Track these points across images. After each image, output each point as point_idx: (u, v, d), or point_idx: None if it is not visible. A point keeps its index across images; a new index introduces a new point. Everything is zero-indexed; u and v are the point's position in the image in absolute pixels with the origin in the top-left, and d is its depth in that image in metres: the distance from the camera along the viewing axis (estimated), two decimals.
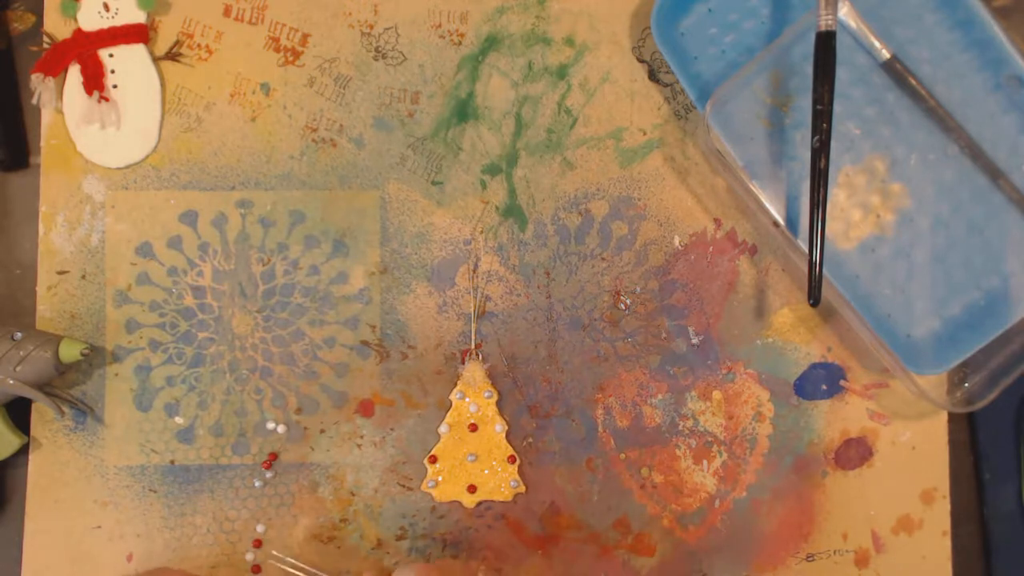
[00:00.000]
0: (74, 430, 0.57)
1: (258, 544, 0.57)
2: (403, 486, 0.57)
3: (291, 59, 0.58)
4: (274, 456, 0.57)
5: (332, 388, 0.58)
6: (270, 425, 0.57)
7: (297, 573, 0.55)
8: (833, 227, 0.56)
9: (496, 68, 0.58)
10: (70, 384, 0.57)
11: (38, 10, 0.58)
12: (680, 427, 0.58)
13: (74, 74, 0.57)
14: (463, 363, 0.57)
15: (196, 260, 0.58)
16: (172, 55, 0.58)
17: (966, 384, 0.57)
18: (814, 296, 0.52)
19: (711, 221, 0.58)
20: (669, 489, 0.58)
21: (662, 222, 0.58)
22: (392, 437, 0.57)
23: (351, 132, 0.58)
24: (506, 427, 0.57)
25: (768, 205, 0.55)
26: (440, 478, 0.57)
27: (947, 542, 0.58)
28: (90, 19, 0.57)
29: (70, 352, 0.54)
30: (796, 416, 0.58)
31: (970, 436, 0.59)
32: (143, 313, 0.57)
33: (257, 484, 0.57)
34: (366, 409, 0.58)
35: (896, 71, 0.55)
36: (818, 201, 0.52)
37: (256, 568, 0.57)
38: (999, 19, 0.54)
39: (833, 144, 0.52)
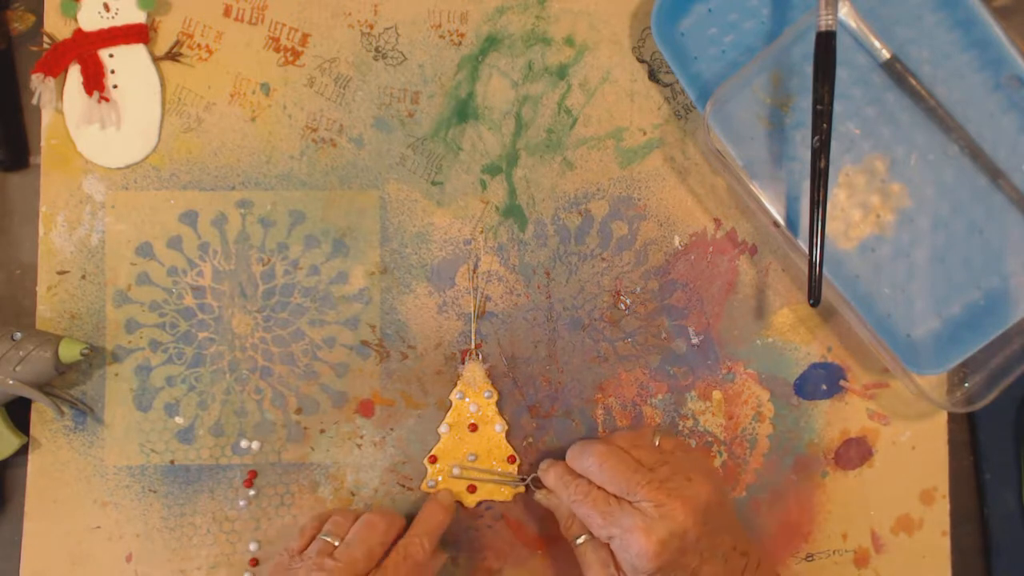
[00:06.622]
0: (74, 430, 0.57)
1: (255, 563, 0.57)
2: (403, 486, 0.57)
3: (291, 59, 0.58)
4: (254, 473, 0.57)
5: (332, 388, 0.57)
6: (244, 443, 0.57)
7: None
8: (833, 227, 0.56)
9: (496, 68, 0.58)
10: (70, 384, 0.57)
11: (38, 10, 0.58)
12: (680, 427, 0.58)
13: (74, 74, 0.57)
14: (463, 363, 0.57)
15: (196, 260, 0.58)
16: (172, 55, 0.58)
17: (966, 384, 0.57)
18: (814, 296, 0.52)
19: (711, 221, 0.58)
20: None
21: (662, 222, 0.58)
22: (392, 437, 0.57)
23: (351, 132, 0.58)
24: (506, 427, 0.57)
25: (768, 205, 0.55)
26: (440, 478, 0.57)
27: (947, 542, 0.58)
28: (90, 19, 0.57)
29: (70, 352, 0.54)
30: (796, 416, 0.58)
31: (970, 436, 0.59)
32: (143, 313, 0.57)
33: (241, 504, 0.57)
34: (366, 409, 0.57)
35: (896, 71, 0.55)
36: (818, 201, 0.52)
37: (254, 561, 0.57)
38: (999, 19, 0.54)
39: (833, 144, 0.52)
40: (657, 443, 0.53)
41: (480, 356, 0.58)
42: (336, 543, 0.50)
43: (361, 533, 0.51)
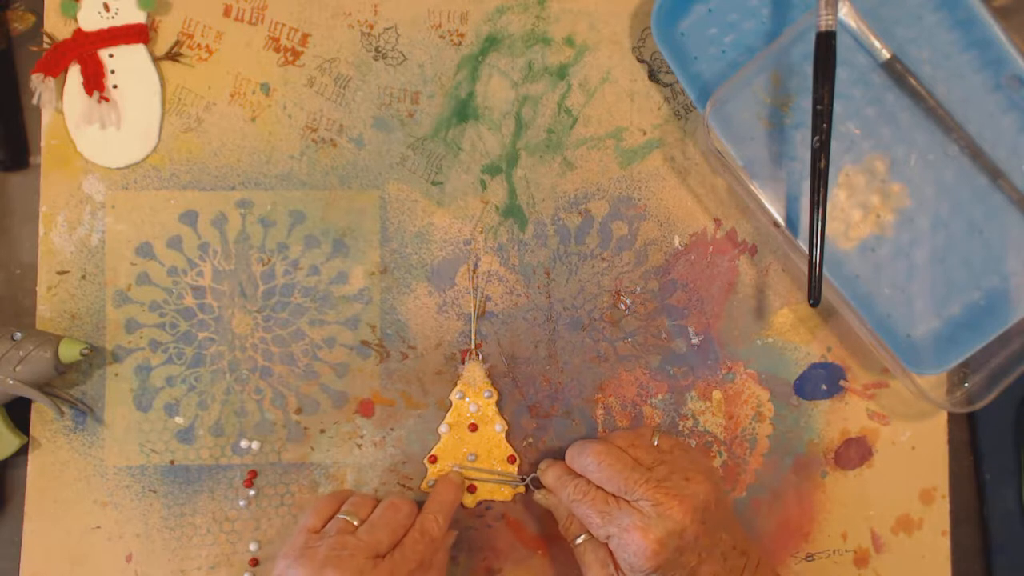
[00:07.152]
0: (74, 430, 0.57)
1: (254, 563, 0.57)
2: (403, 486, 0.57)
3: (291, 59, 0.58)
4: (254, 473, 0.57)
5: (332, 388, 0.57)
6: (244, 443, 0.57)
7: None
8: (833, 227, 0.56)
9: (496, 68, 0.58)
10: (70, 384, 0.57)
11: (38, 10, 0.58)
12: (680, 427, 0.58)
13: (74, 74, 0.57)
14: (463, 363, 0.57)
15: (196, 260, 0.58)
16: (172, 55, 0.58)
17: (966, 384, 0.57)
18: (814, 296, 0.52)
19: (711, 221, 0.58)
20: None
21: (662, 222, 0.58)
22: (392, 437, 0.57)
23: (351, 132, 0.58)
24: (506, 427, 0.57)
25: (768, 205, 0.55)
26: None
27: (946, 542, 0.58)
28: (90, 19, 0.57)
29: (70, 352, 0.54)
30: (796, 416, 0.58)
31: (970, 436, 0.59)
32: (143, 313, 0.57)
33: (241, 504, 0.57)
34: (366, 409, 0.58)
35: (896, 71, 0.55)
36: (818, 201, 0.52)
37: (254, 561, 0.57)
38: (999, 19, 0.54)
39: (833, 144, 0.52)
40: (656, 442, 0.53)
41: (480, 356, 0.58)
42: (355, 522, 0.51)
43: (386, 514, 0.51)
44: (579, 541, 0.52)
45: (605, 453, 0.51)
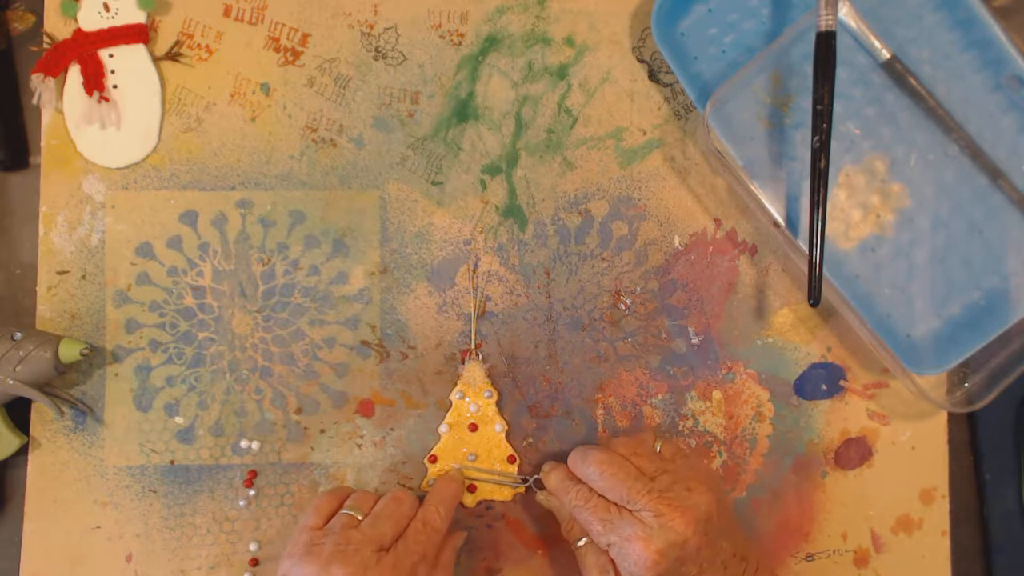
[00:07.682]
0: (74, 430, 0.57)
1: (254, 563, 0.57)
2: (403, 486, 0.57)
3: (291, 59, 0.58)
4: (254, 473, 0.57)
5: (332, 388, 0.57)
6: (244, 443, 0.57)
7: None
8: (833, 227, 0.56)
9: (496, 68, 0.58)
10: (70, 384, 0.57)
11: (38, 10, 0.58)
12: (680, 427, 0.58)
13: (74, 74, 0.57)
14: (463, 363, 0.57)
15: (196, 260, 0.58)
16: (172, 55, 0.58)
17: (966, 384, 0.57)
18: (814, 296, 0.52)
19: (711, 221, 0.58)
20: None
21: (662, 222, 0.58)
22: (392, 437, 0.57)
23: (351, 132, 0.58)
24: (506, 427, 0.57)
25: (768, 205, 0.55)
26: None
27: (946, 542, 0.58)
28: (90, 19, 0.57)
29: (70, 352, 0.54)
30: (796, 416, 0.58)
31: (970, 436, 0.59)
32: (143, 313, 0.57)
33: (241, 504, 0.57)
34: (366, 409, 0.58)
35: (896, 71, 0.55)
36: (818, 201, 0.52)
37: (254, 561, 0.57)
38: (999, 19, 0.54)
39: (833, 144, 0.52)
40: (658, 449, 0.53)
41: (480, 356, 0.58)
42: (359, 517, 0.51)
43: (389, 507, 0.52)
44: (580, 544, 0.52)
45: (608, 462, 0.51)
